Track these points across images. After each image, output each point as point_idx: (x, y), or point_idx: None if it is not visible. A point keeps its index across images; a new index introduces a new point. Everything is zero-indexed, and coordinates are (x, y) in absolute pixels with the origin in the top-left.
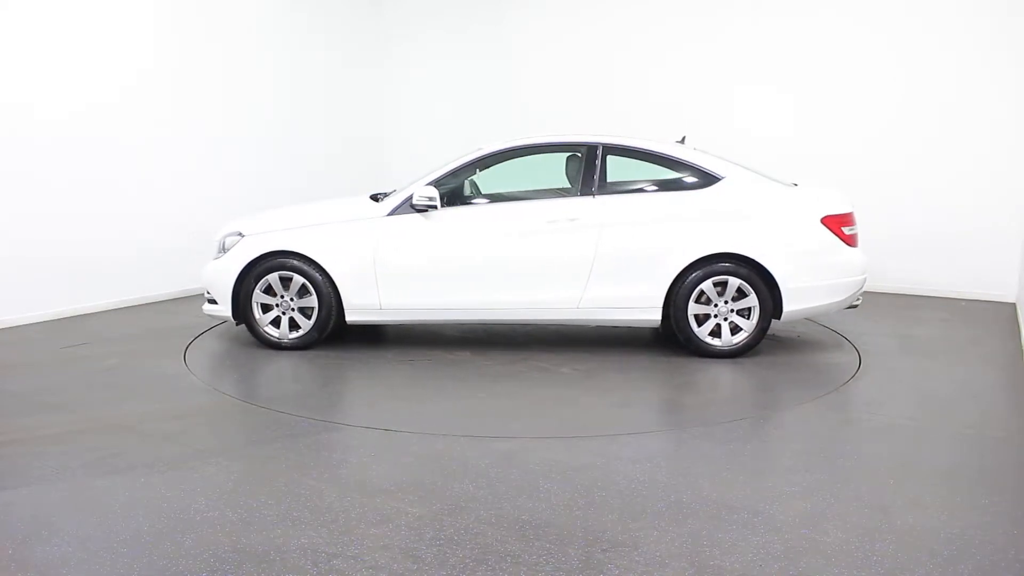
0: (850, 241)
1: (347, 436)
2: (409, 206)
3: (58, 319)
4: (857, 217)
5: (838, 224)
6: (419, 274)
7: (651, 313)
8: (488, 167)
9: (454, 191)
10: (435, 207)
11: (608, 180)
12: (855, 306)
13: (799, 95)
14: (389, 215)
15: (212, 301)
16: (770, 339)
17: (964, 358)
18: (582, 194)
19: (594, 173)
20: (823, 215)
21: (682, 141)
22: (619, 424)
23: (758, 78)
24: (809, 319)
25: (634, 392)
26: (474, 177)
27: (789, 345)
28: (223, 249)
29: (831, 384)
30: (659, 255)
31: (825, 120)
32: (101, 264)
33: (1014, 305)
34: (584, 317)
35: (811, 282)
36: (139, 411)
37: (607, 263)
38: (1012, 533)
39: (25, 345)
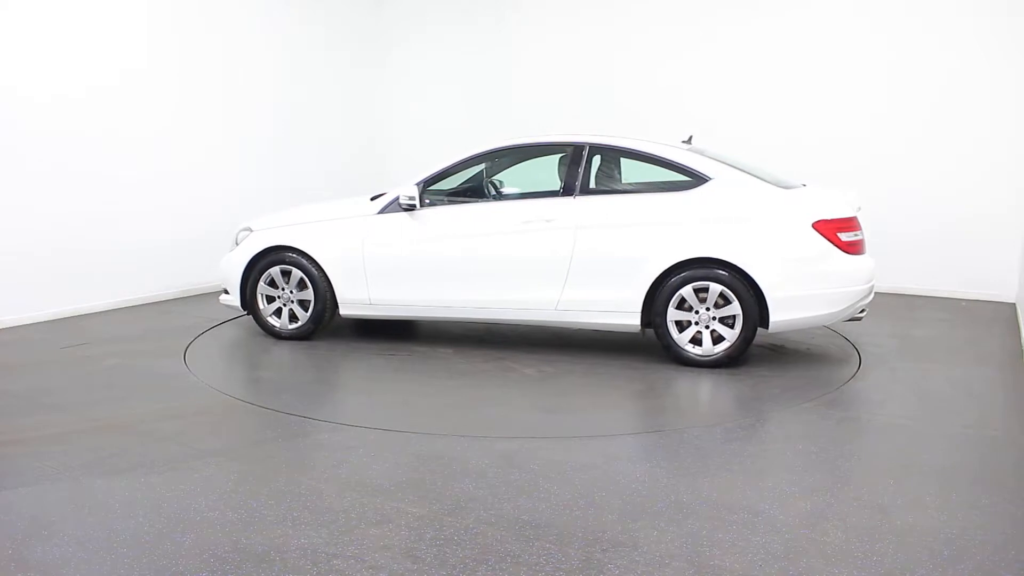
0: (848, 248)
1: (347, 436)
2: (396, 205)
3: (58, 319)
4: (863, 222)
5: (833, 229)
6: (404, 271)
7: (629, 318)
8: (479, 167)
9: (443, 190)
10: (414, 206)
11: (593, 180)
12: (858, 319)
13: (798, 94)
14: (379, 213)
15: (226, 292)
16: (774, 346)
17: (964, 358)
18: (563, 194)
19: (577, 173)
20: (815, 219)
21: (689, 140)
22: (542, 429)
23: (759, 77)
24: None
25: (578, 397)
26: (471, 176)
27: (789, 345)
28: (236, 243)
29: (831, 384)
30: (636, 258)
31: (825, 119)
32: (101, 264)
33: (1014, 305)
34: (562, 319)
35: (800, 291)
36: (139, 411)
37: (583, 265)
38: (1012, 533)
39: (25, 345)
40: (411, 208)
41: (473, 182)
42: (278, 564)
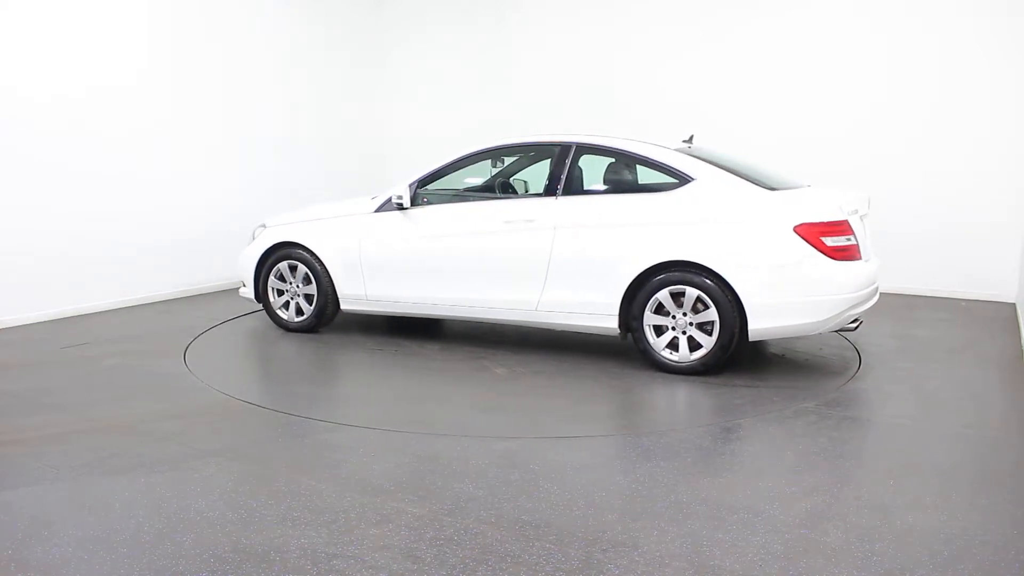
0: (835, 253)
1: (347, 436)
2: (391, 204)
3: (58, 319)
4: (865, 225)
5: (816, 233)
6: (396, 268)
7: (607, 321)
8: (474, 166)
9: (438, 190)
10: (402, 206)
11: (578, 181)
12: (850, 329)
13: (798, 94)
14: (375, 212)
15: (244, 285)
16: (777, 347)
17: (964, 358)
18: (545, 195)
19: (562, 173)
20: (797, 223)
21: (689, 140)
22: (467, 428)
23: (760, 77)
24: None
25: (525, 398)
26: (467, 175)
27: (789, 346)
28: (253, 238)
29: (831, 385)
30: (613, 260)
31: (825, 119)
32: (101, 264)
33: (1014, 305)
34: (543, 320)
35: (780, 298)
36: (139, 411)
37: (562, 266)
38: (1012, 533)
39: (25, 345)
40: (402, 207)
41: (469, 182)
42: (278, 564)
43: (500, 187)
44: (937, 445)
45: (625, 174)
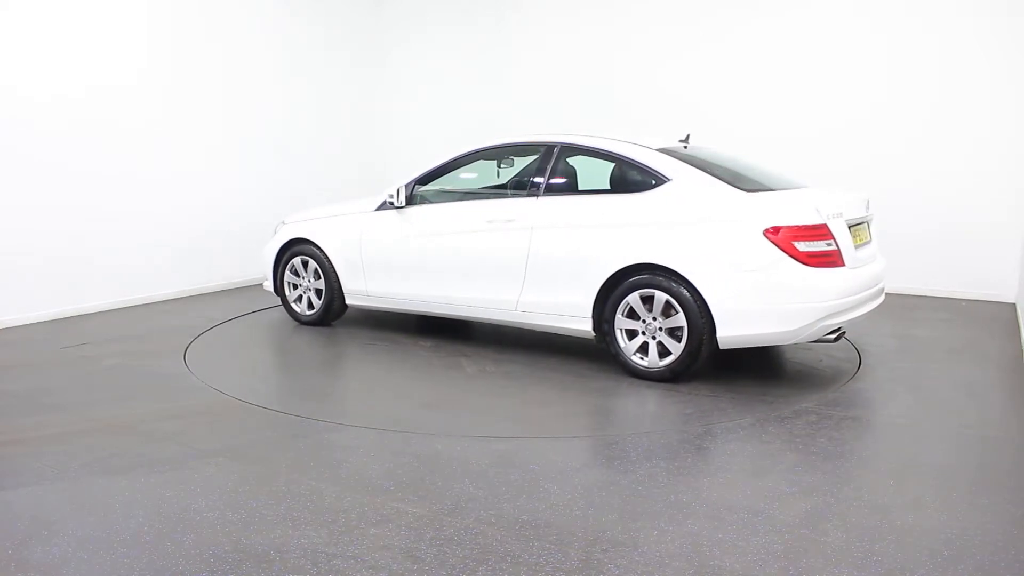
0: (809, 259)
1: (347, 436)
2: (388, 203)
3: (58, 319)
4: (840, 231)
5: (788, 238)
6: (391, 265)
7: (581, 323)
8: (467, 166)
9: (429, 190)
10: (393, 205)
11: (560, 181)
12: (828, 340)
13: (798, 94)
14: (375, 211)
15: (267, 278)
16: (778, 348)
17: (964, 358)
18: (527, 195)
19: (544, 173)
20: (766, 226)
21: (686, 140)
22: (407, 422)
23: (759, 77)
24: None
25: (477, 396)
26: (466, 175)
27: (790, 347)
28: (275, 234)
29: (831, 384)
30: (585, 262)
31: (824, 120)
32: (102, 264)
33: (1014, 305)
34: (522, 320)
35: (748, 305)
36: (139, 411)
37: (539, 267)
38: (1012, 533)
39: (25, 345)
40: (394, 206)
41: (462, 181)
42: (278, 564)
43: (489, 187)
44: (937, 445)
45: (608, 174)
